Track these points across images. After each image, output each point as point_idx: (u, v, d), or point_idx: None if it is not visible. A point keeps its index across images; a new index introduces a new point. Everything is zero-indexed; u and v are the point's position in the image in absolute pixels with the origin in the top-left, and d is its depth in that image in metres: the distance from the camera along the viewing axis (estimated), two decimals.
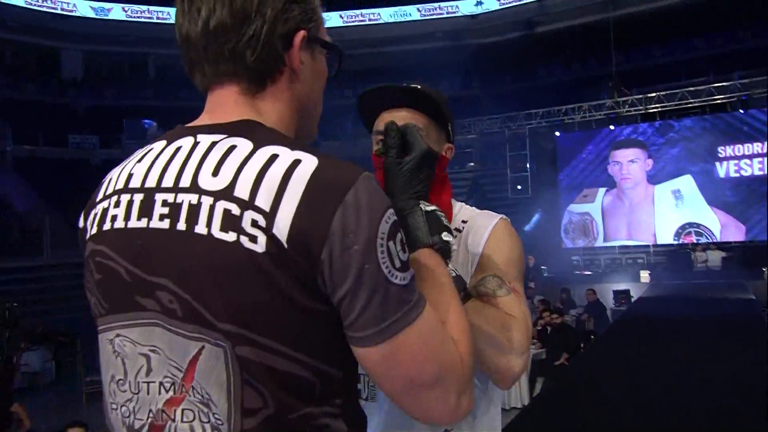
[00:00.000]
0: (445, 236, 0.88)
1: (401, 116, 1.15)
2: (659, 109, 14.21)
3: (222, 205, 0.64)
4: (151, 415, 0.68)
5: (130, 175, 0.73)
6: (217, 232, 0.63)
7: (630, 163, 15.09)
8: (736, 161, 14.17)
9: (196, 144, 0.70)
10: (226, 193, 0.64)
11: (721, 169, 14.33)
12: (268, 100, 0.77)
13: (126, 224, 0.70)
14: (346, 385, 0.71)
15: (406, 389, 0.69)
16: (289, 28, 0.75)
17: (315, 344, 0.66)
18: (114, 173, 0.77)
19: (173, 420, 0.67)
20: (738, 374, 4.49)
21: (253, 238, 0.62)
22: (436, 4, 20.49)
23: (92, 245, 0.73)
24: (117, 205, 0.72)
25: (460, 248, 1.19)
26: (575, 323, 9.14)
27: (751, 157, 13.98)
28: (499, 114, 15.73)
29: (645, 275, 12.30)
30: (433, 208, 0.91)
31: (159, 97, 20.79)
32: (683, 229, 14.56)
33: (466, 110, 16.13)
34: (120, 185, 0.73)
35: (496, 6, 19.54)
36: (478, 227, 1.19)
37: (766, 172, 13.40)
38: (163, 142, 0.74)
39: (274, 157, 0.66)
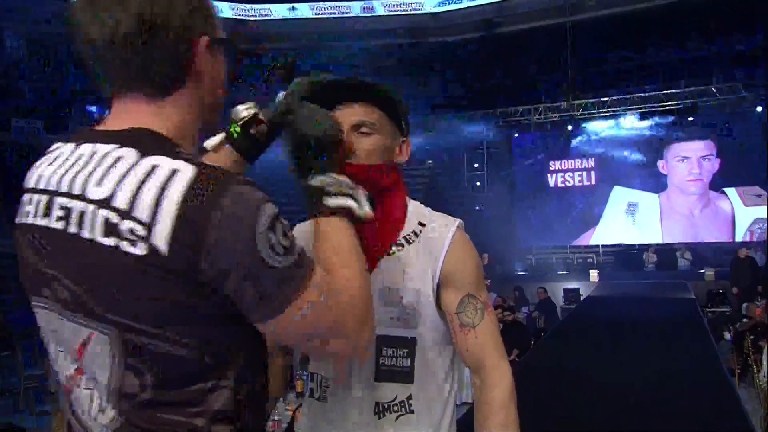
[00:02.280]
0: (341, 200, 0.90)
1: (354, 110, 1.15)
2: (611, 113, 14.66)
3: (103, 213, 0.70)
4: (65, 379, 0.80)
5: (39, 177, 0.81)
6: (99, 237, 0.70)
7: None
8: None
9: (93, 153, 0.76)
10: (107, 203, 0.70)
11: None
12: (171, 105, 0.81)
13: (34, 221, 0.78)
14: (235, 369, 0.77)
15: (309, 347, 0.89)
16: (192, 37, 0.80)
17: (201, 332, 0.73)
18: (32, 171, 0.83)
19: (78, 387, 0.77)
20: (673, 371, 4.68)
21: (133, 243, 0.68)
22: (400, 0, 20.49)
23: (16, 233, 0.83)
24: (29, 202, 0.80)
25: (419, 252, 1.19)
26: (526, 320, 9.34)
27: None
28: (457, 113, 15.89)
29: (594, 274, 12.67)
30: (328, 178, 0.91)
31: None
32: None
33: (424, 108, 16.21)
34: (31, 185, 0.81)
35: (458, 5, 19.69)
36: (436, 235, 1.20)
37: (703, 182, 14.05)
38: (71, 146, 0.80)
39: (154, 168, 0.71)
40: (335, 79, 1.15)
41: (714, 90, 13.78)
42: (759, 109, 13.58)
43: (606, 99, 14.61)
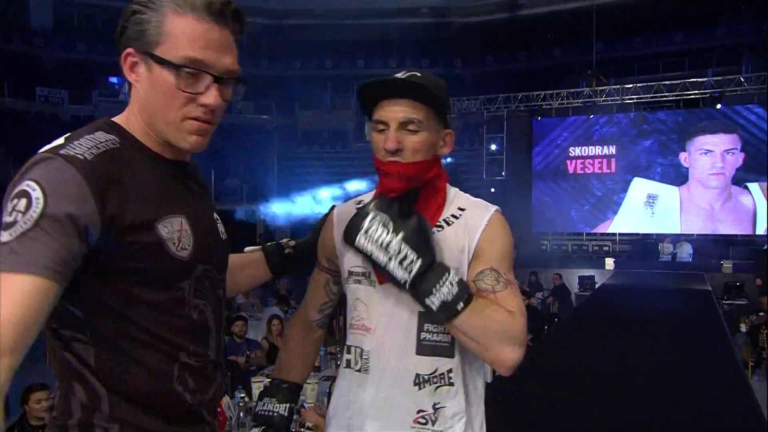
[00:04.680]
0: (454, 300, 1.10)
1: (402, 107, 1.17)
2: (635, 101, 14.41)
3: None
4: None
5: None
6: None
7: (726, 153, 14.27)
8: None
9: None
10: None
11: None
12: (131, 101, 0.98)
13: None
14: (91, 324, 0.90)
15: None
16: (122, 47, 0.94)
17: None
18: None
19: None
20: (685, 362, 4.68)
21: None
22: None
23: None
24: None
25: (457, 232, 1.23)
26: (541, 306, 9.36)
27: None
28: (479, 95, 15.73)
29: (610, 262, 12.61)
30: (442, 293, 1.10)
31: None
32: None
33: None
34: None
35: None
36: (475, 217, 1.24)
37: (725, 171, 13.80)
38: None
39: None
40: (386, 77, 1.17)
41: (743, 80, 13.43)
42: None
43: (630, 86, 14.34)
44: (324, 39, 19.98)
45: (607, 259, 12.97)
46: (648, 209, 14.93)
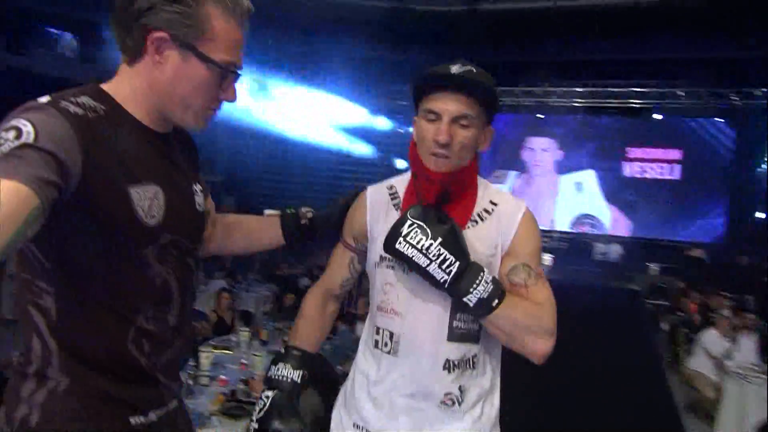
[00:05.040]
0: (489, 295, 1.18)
1: (459, 101, 1.21)
2: (583, 104, 14.92)
3: None
4: None
5: None
6: None
7: (543, 151, 15.94)
8: (641, 163, 15.28)
9: None
10: None
11: (626, 168, 15.40)
12: (132, 74, 1.00)
13: None
14: (56, 275, 0.95)
15: None
16: (150, 24, 0.94)
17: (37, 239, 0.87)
18: None
19: None
20: (609, 358, 4.96)
21: None
22: None
23: None
24: None
25: (491, 227, 1.29)
26: None
27: (656, 161, 15.12)
28: None
29: (548, 258, 13.12)
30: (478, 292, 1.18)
31: (79, 8, 18.93)
32: (578, 220, 15.68)
33: (399, 77, 16.12)
34: None
35: None
36: (508, 214, 1.31)
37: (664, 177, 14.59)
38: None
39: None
40: (447, 70, 1.20)
41: (680, 93, 14.10)
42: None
43: (580, 89, 14.81)
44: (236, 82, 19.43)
45: (545, 255, 13.48)
46: (579, 193, 15.61)
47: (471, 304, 1.17)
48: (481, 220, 1.30)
